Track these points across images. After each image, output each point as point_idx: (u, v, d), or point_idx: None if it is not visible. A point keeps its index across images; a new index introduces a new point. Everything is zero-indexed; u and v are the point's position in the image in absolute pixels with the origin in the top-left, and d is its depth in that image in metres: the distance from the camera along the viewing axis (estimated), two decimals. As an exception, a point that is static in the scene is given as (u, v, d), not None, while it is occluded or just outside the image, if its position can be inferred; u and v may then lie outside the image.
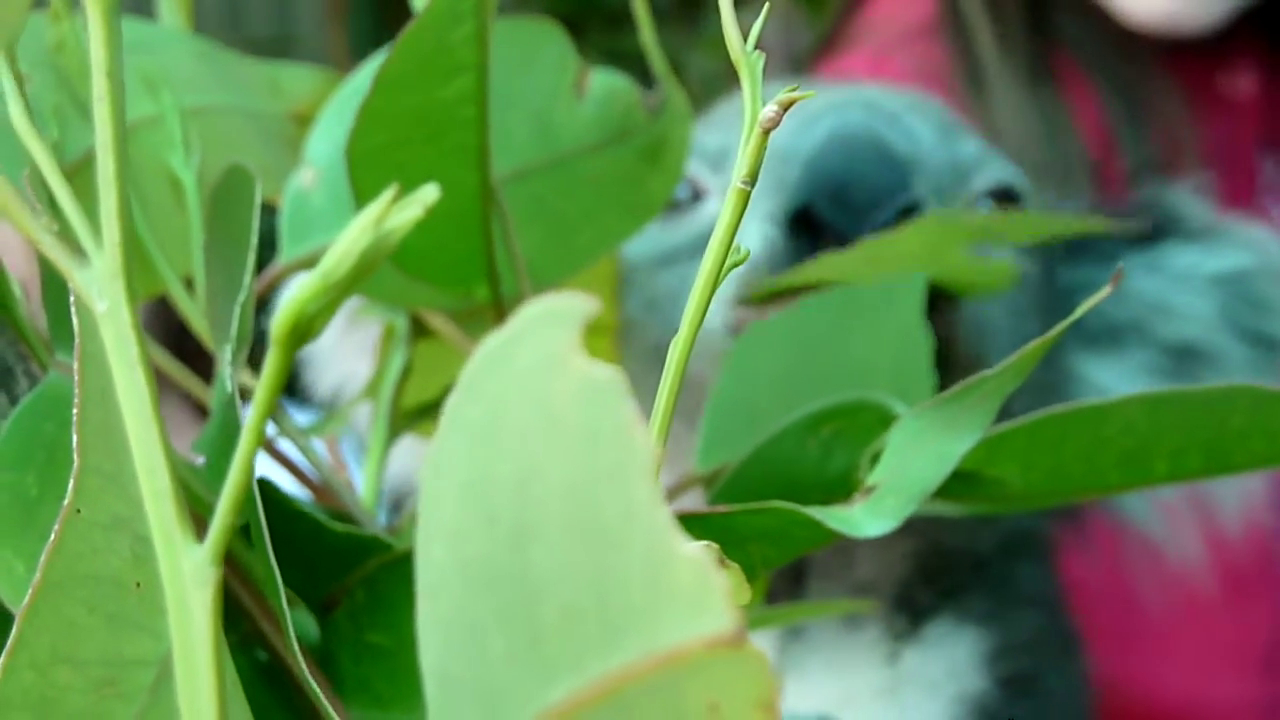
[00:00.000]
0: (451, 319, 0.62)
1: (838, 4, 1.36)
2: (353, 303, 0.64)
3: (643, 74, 0.64)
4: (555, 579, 0.26)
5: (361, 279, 0.28)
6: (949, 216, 0.71)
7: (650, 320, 0.79)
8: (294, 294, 0.28)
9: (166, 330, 1.23)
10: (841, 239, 0.70)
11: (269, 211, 0.62)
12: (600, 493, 0.26)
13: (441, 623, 0.29)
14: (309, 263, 0.59)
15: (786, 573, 0.80)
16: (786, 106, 0.35)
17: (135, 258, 0.54)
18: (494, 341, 0.27)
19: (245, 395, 0.56)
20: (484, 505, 0.27)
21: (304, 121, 0.63)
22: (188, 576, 0.29)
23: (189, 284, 0.57)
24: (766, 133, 0.35)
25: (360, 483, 0.60)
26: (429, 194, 0.28)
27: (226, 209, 0.49)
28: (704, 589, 0.25)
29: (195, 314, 0.56)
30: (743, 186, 0.36)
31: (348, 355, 0.80)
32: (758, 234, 0.75)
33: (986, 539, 0.82)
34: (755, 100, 0.36)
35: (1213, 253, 0.84)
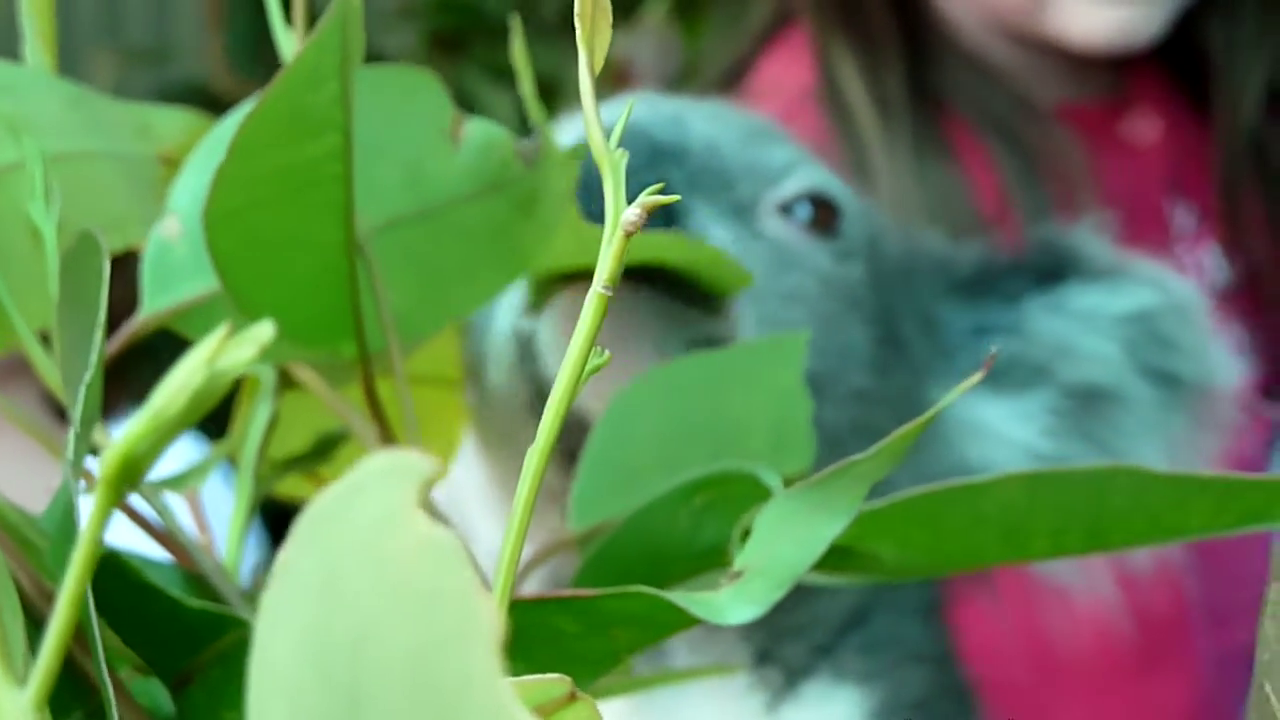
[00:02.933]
0: (318, 371, 0.60)
1: (717, 71, 1.35)
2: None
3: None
4: (393, 743, 0.25)
5: (193, 418, 0.27)
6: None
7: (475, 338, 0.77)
8: (123, 434, 0.26)
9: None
10: (590, 219, 0.68)
11: (136, 257, 0.60)
12: (440, 659, 0.24)
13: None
14: (168, 318, 0.57)
15: None
16: (650, 211, 0.34)
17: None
18: (333, 492, 0.26)
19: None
20: (319, 662, 0.26)
21: (174, 164, 0.61)
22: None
23: (46, 338, 0.55)
24: (628, 235, 0.34)
25: (223, 542, 0.58)
26: (264, 332, 0.27)
27: (77, 277, 0.48)
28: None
29: (49, 370, 0.54)
30: (604, 291, 0.34)
31: None
32: None
33: (857, 588, 0.80)
34: (618, 201, 0.35)
35: (1117, 292, 0.83)
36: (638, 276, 0.68)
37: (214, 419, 0.60)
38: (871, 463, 0.46)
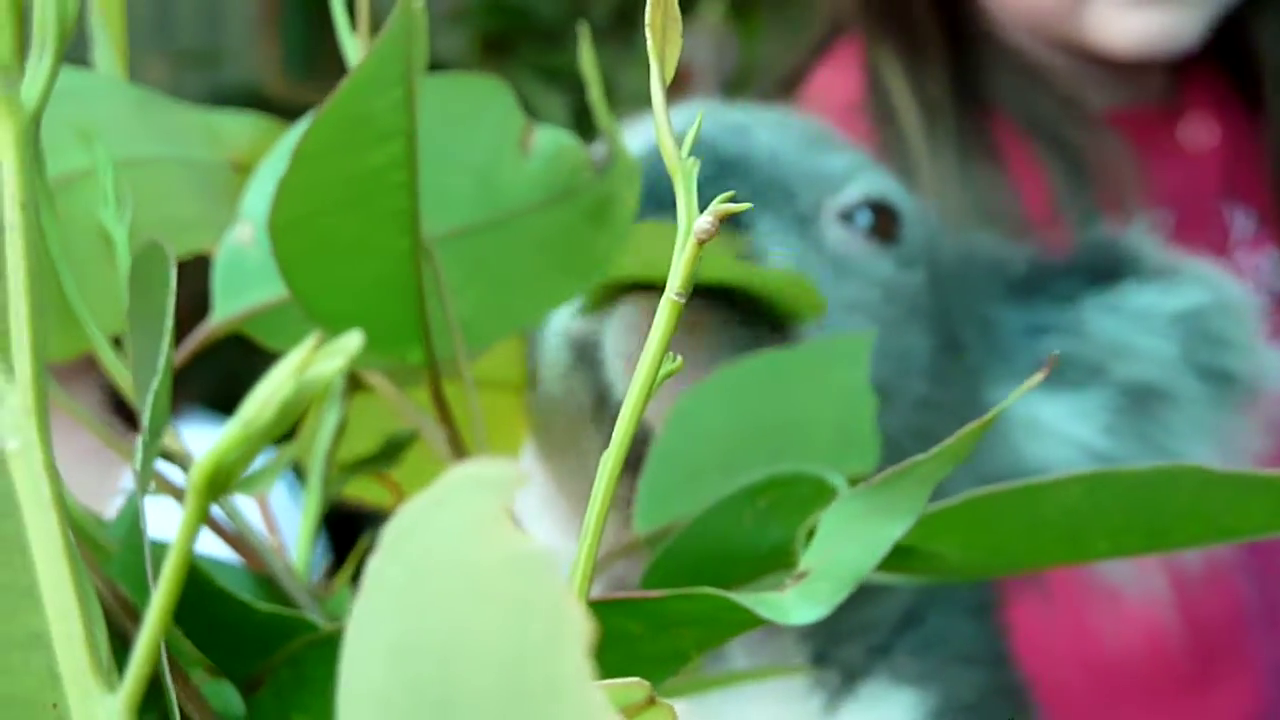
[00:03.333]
0: (387, 375, 0.61)
1: (773, 78, 1.36)
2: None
3: (577, 92, 0.63)
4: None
5: (282, 429, 0.27)
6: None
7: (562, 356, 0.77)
8: (214, 445, 0.27)
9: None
10: None
11: (207, 263, 0.61)
12: (531, 667, 0.25)
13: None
14: (240, 322, 0.58)
15: None
16: (722, 219, 0.34)
17: (62, 316, 0.54)
18: (419, 503, 0.26)
19: (174, 459, 0.55)
20: (409, 672, 0.26)
21: (244, 169, 0.62)
22: (102, 726, 0.28)
23: (118, 341, 0.56)
24: (701, 244, 0.35)
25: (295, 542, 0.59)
26: (352, 343, 0.27)
27: (145, 285, 0.48)
28: (633, 770, 0.24)
29: (122, 374, 0.54)
30: (676, 299, 0.35)
31: None
32: None
33: (912, 589, 0.81)
34: (691, 210, 0.35)
35: (1171, 291, 0.83)
36: (709, 294, 0.69)
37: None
38: (934, 463, 0.47)
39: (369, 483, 0.64)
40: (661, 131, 0.35)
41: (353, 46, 0.59)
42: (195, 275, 0.58)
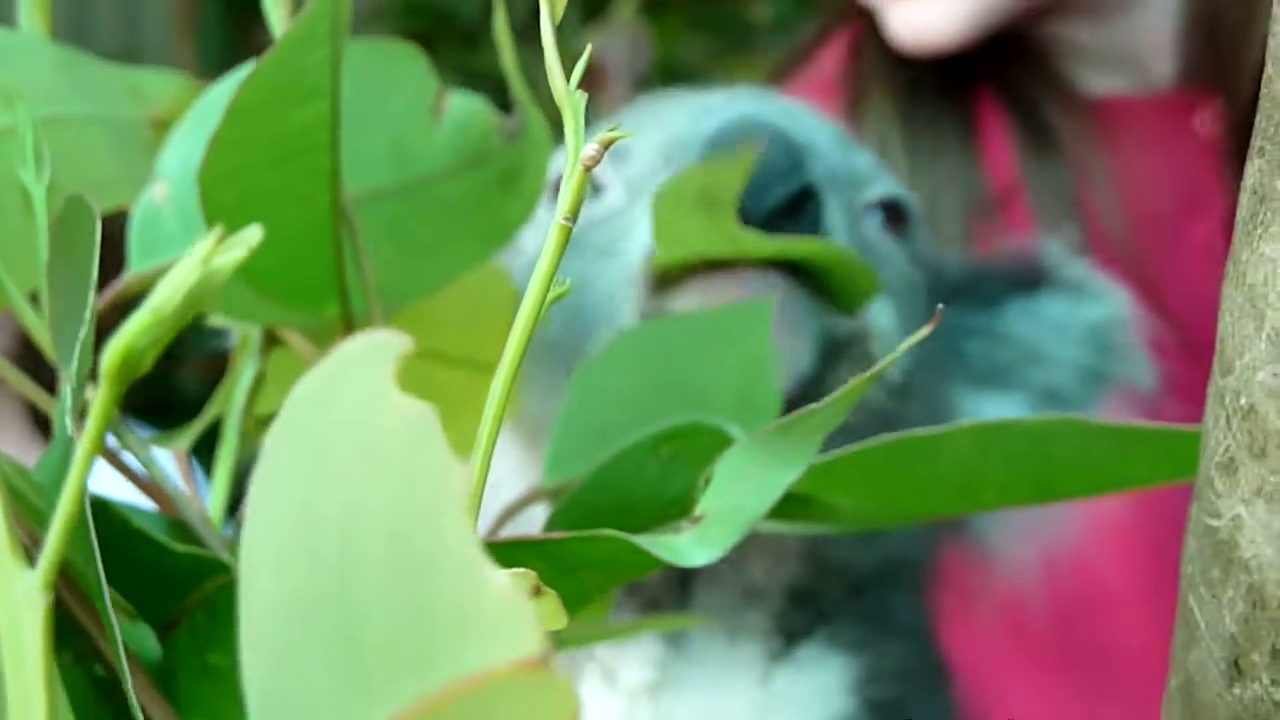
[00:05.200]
0: (304, 333, 0.63)
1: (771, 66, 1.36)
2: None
3: (497, 93, 0.66)
4: (375, 609, 0.28)
5: (189, 314, 0.30)
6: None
7: (549, 313, 0.80)
8: (124, 329, 0.29)
9: (15, 339, 1.22)
10: (740, 211, 0.72)
11: (124, 218, 0.62)
12: (416, 527, 0.27)
13: (266, 649, 0.30)
14: (154, 279, 0.60)
15: (672, 579, 0.82)
16: (607, 145, 0.37)
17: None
18: (315, 375, 0.29)
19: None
20: (308, 538, 0.29)
21: (163, 126, 0.63)
22: (19, 601, 0.31)
23: (35, 297, 0.57)
24: (588, 170, 0.37)
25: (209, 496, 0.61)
26: (252, 235, 0.30)
27: (68, 238, 0.50)
28: (511, 617, 0.27)
29: (39, 329, 0.56)
30: (564, 223, 0.37)
31: None
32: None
33: (866, 561, 0.84)
34: (578, 137, 0.38)
35: (1080, 301, 0.88)
36: (790, 270, 0.73)
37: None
38: (825, 412, 0.49)
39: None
40: (551, 64, 0.38)
41: (278, 15, 0.61)
42: (111, 234, 0.60)
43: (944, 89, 1.22)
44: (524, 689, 0.27)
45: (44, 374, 0.59)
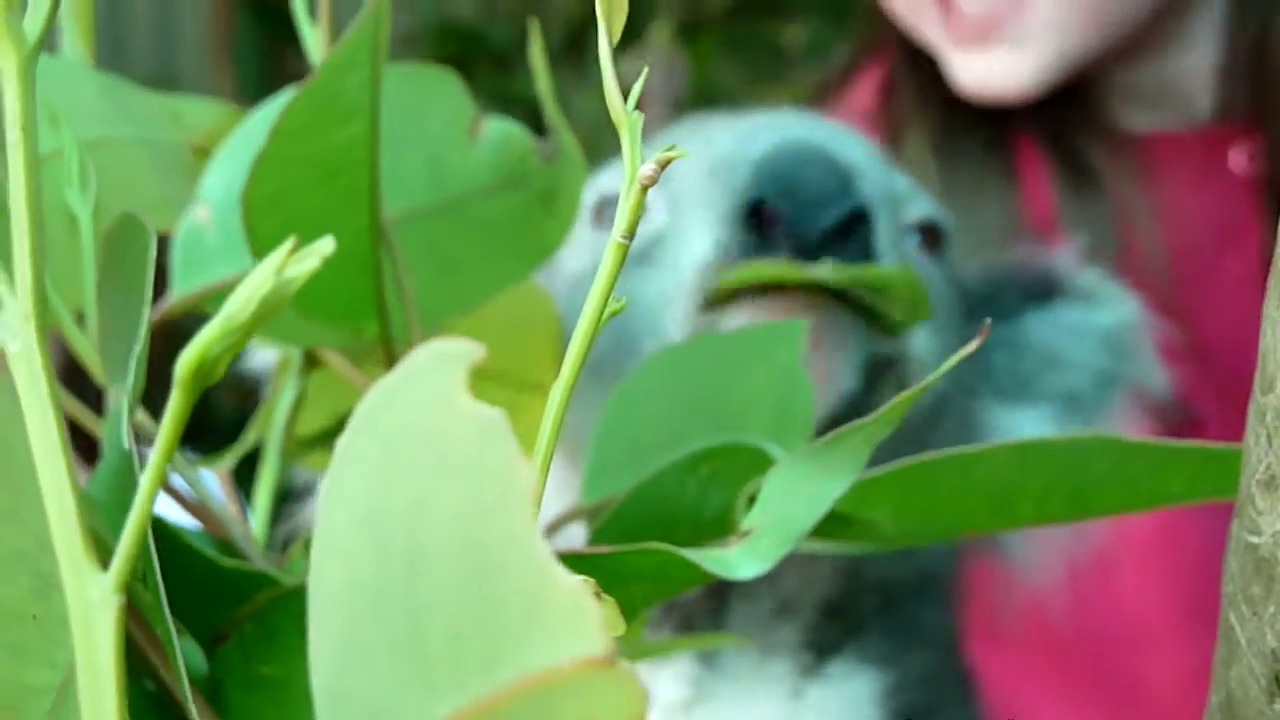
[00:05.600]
0: (343, 353, 0.64)
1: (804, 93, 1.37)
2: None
3: (532, 118, 0.67)
4: (442, 604, 0.29)
5: (261, 324, 0.31)
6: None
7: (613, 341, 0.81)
8: (198, 338, 0.30)
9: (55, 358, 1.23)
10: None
11: (163, 241, 0.64)
12: (485, 525, 0.28)
13: (333, 645, 0.31)
14: (198, 300, 0.61)
15: (709, 594, 0.83)
16: (664, 165, 0.38)
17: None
18: (387, 381, 0.30)
19: (139, 434, 0.58)
20: (376, 535, 0.30)
21: (203, 152, 0.64)
22: (94, 602, 0.32)
23: (80, 317, 0.58)
24: (644, 189, 0.38)
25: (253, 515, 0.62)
26: (325, 246, 0.31)
27: (120, 256, 0.51)
28: (578, 614, 0.27)
29: (86, 348, 0.57)
30: (622, 241, 0.38)
31: None
32: (708, 239, 0.78)
33: (899, 575, 0.85)
34: (634, 158, 0.39)
35: (1092, 308, 0.89)
36: (838, 292, 0.74)
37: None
38: (871, 427, 0.50)
39: (325, 457, 0.67)
40: (609, 86, 0.38)
41: (314, 41, 0.62)
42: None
43: (982, 125, 1.23)
44: (591, 687, 0.27)
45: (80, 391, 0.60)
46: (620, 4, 0.40)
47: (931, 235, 0.86)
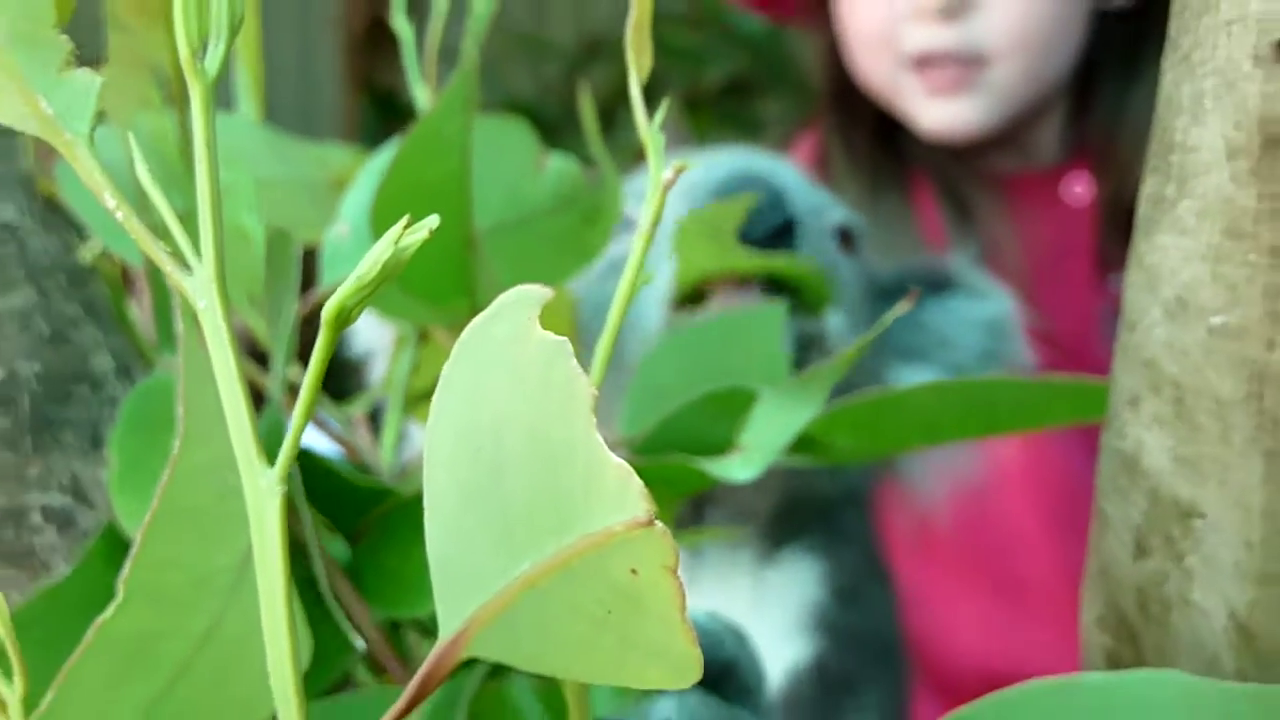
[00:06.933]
0: (445, 329, 0.63)
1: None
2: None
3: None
4: (521, 489, 0.28)
5: (384, 281, 0.29)
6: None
7: (597, 320, 0.80)
8: (338, 292, 0.29)
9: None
10: (740, 238, 0.73)
11: (310, 250, 0.63)
12: (553, 426, 0.27)
13: (443, 525, 0.30)
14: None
15: (691, 508, 0.82)
16: (679, 172, 0.37)
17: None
18: (478, 319, 0.28)
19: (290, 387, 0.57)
20: (471, 440, 0.28)
21: (340, 184, 0.64)
22: (263, 491, 0.30)
23: (253, 302, 0.58)
24: (665, 190, 0.37)
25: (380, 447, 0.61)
26: (431, 222, 0.29)
27: (276, 260, 0.51)
28: (626, 490, 0.26)
29: (257, 323, 0.56)
30: (647, 230, 0.37)
31: (371, 333, 0.82)
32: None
33: (831, 491, 0.84)
34: (658, 166, 0.37)
35: (978, 301, 0.88)
36: (767, 285, 0.74)
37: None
38: (829, 371, 0.49)
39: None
40: (639, 114, 0.37)
41: (423, 94, 0.62)
42: (305, 260, 0.60)
43: (887, 167, 1.22)
44: (636, 543, 0.26)
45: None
46: (647, 49, 0.38)
47: (846, 237, 0.85)
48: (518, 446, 0.28)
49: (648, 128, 0.38)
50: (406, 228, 0.30)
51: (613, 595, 0.27)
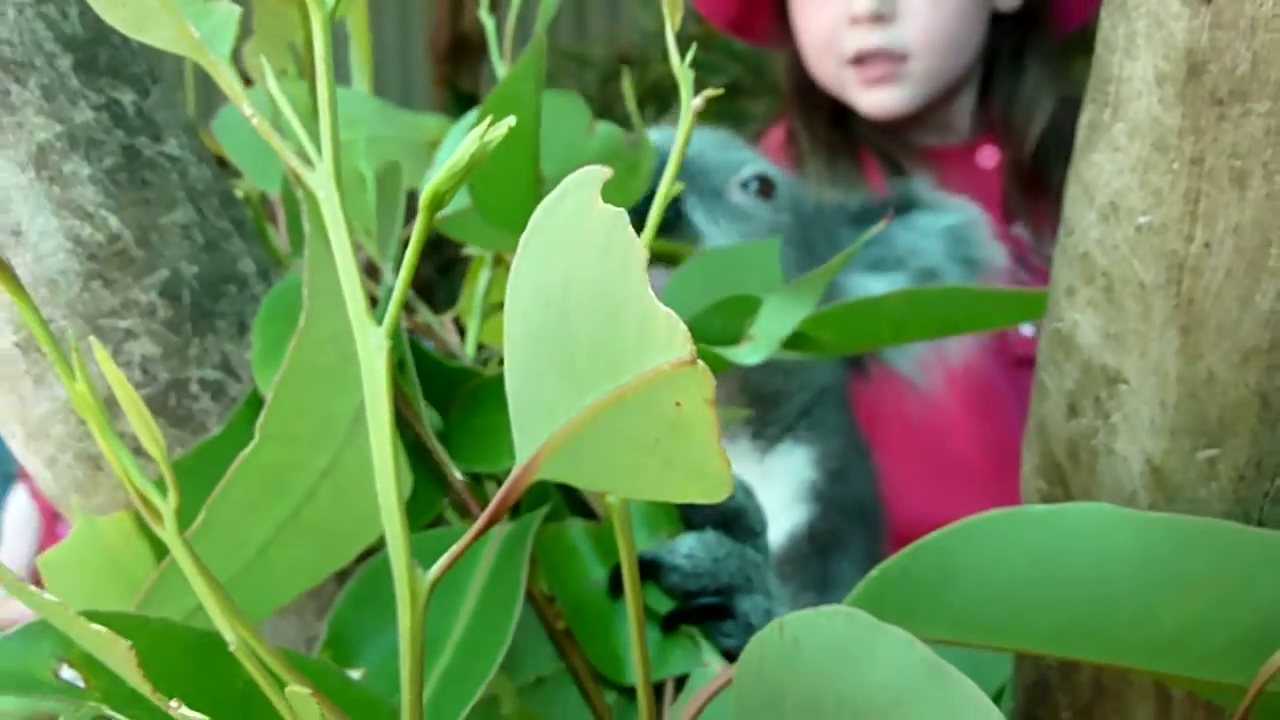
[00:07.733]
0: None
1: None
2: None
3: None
4: (584, 336, 0.25)
5: (472, 171, 0.27)
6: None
7: None
8: (434, 180, 0.26)
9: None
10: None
11: (412, 192, 0.60)
12: (611, 283, 0.24)
13: (520, 368, 0.27)
14: (437, 223, 0.57)
15: None
16: (708, 100, 0.34)
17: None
18: (551, 197, 0.26)
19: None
20: (543, 296, 0.26)
21: (433, 145, 0.61)
22: (373, 346, 0.28)
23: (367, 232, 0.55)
24: (697, 115, 0.34)
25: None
26: (509, 121, 0.27)
27: (386, 191, 0.48)
28: (673, 335, 0.24)
29: (369, 243, 0.54)
30: (680, 147, 0.34)
31: None
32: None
33: (811, 391, 0.80)
34: (688, 98, 0.35)
35: (939, 215, 0.83)
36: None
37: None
38: (818, 278, 0.46)
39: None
40: (674, 56, 0.34)
41: (501, 69, 0.59)
42: (407, 201, 0.58)
43: (842, 145, 1.19)
44: (681, 379, 0.24)
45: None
46: (678, 6, 0.35)
47: (764, 184, 0.79)
48: (582, 300, 0.25)
49: (679, 62, 0.35)
50: (491, 124, 0.27)
51: (660, 425, 0.24)
